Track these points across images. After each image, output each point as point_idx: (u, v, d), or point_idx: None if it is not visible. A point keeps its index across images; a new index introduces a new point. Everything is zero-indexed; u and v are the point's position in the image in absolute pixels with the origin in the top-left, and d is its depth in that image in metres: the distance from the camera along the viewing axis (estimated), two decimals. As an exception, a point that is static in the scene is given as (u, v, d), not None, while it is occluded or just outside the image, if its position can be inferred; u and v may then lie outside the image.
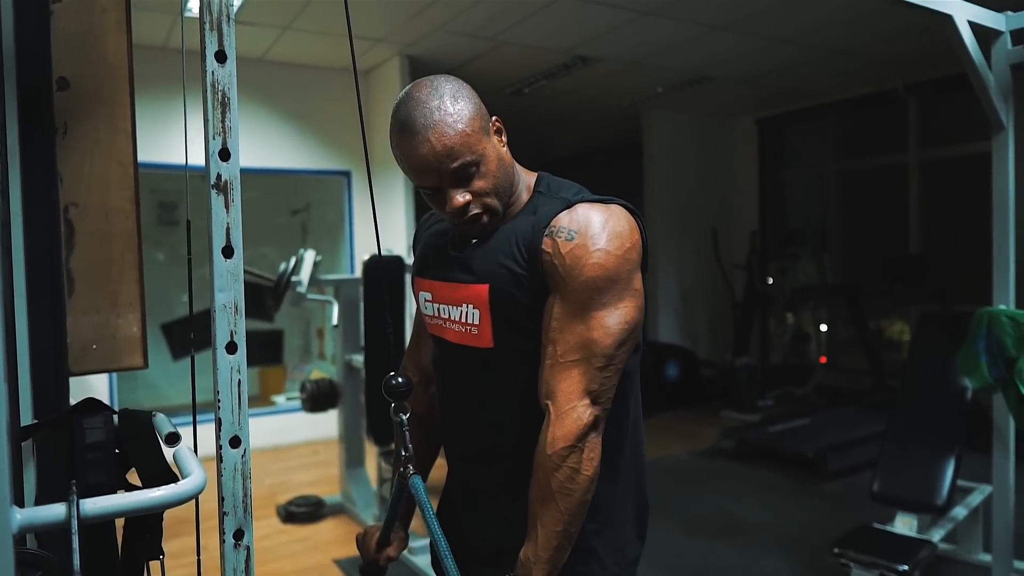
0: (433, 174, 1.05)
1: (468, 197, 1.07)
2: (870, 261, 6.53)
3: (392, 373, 1.12)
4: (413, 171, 1.07)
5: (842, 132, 6.73)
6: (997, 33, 2.36)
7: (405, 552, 3.13)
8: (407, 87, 1.10)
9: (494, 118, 1.12)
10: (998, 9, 2.37)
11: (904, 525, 2.83)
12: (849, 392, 6.02)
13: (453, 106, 1.05)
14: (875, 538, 2.68)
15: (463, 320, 1.14)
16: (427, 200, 1.13)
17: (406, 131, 1.05)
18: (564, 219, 1.06)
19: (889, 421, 3.23)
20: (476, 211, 1.08)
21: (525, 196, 1.15)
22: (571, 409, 1.01)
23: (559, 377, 1.02)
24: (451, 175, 1.05)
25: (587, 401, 1.02)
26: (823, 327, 6.66)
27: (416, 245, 1.33)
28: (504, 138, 1.13)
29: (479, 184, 1.07)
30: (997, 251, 2.43)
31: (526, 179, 1.17)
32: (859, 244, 6.83)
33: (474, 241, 1.14)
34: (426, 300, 1.23)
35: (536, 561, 1.02)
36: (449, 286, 1.16)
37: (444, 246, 1.20)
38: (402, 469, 1.12)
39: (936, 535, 2.77)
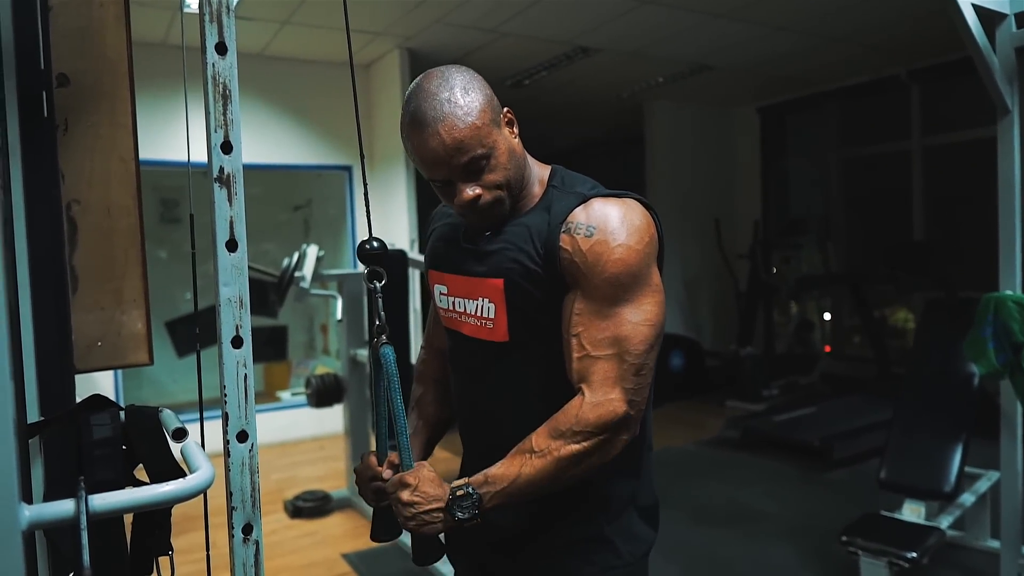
0: (443, 167, 1.05)
1: (478, 191, 1.06)
2: (874, 249, 6.51)
3: (367, 237, 1.10)
4: (424, 164, 1.06)
5: (844, 120, 6.69)
6: (1001, 16, 2.35)
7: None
8: (418, 78, 1.08)
9: (505, 109, 1.11)
10: (1002, -8, 2.35)
11: (912, 512, 2.83)
12: (854, 380, 6.01)
13: (463, 98, 1.03)
14: (883, 526, 2.68)
15: (478, 314, 1.13)
16: (437, 192, 1.12)
17: (416, 123, 1.04)
18: (580, 215, 1.05)
19: (896, 408, 3.22)
20: (486, 204, 1.07)
21: (538, 190, 1.14)
22: (608, 400, 1.00)
23: (594, 369, 1.02)
24: (461, 169, 1.04)
25: (623, 397, 1.01)
26: (827, 315, 6.65)
27: (428, 238, 1.33)
28: (516, 129, 1.12)
29: (490, 177, 1.06)
30: (1003, 236, 2.42)
31: (539, 172, 1.16)
32: (862, 232, 6.81)
33: (487, 233, 1.14)
34: (441, 293, 1.22)
35: (496, 490, 1.01)
36: (464, 280, 1.16)
37: (457, 239, 1.19)
38: (375, 339, 1.10)
39: (944, 522, 2.77)
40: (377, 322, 1.09)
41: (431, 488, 1.02)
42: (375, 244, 1.09)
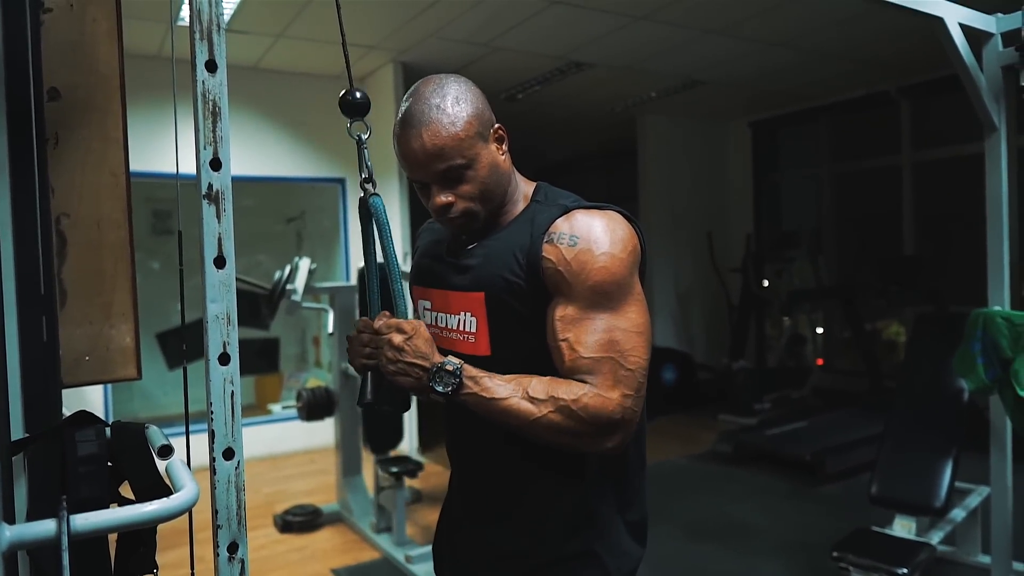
0: (422, 170, 1.08)
1: (451, 199, 1.08)
2: (865, 263, 6.54)
3: (349, 88, 1.10)
4: (405, 164, 1.10)
5: (835, 134, 6.75)
6: (988, 35, 2.38)
7: (403, 560, 3.12)
8: (418, 82, 1.11)
9: (496, 125, 1.13)
10: (988, 11, 2.38)
11: (903, 528, 2.83)
12: (846, 394, 6.02)
13: (453, 108, 1.06)
14: (874, 541, 2.67)
15: (460, 328, 1.13)
16: (417, 192, 1.15)
17: (404, 123, 1.08)
18: (563, 225, 1.06)
19: (887, 423, 3.23)
20: (455, 215, 1.10)
21: (522, 205, 1.15)
22: (609, 399, 1.00)
23: (592, 368, 1.01)
24: (439, 175, 1.08)
25: (620, 402, 1.00)
26: (819, 329, 6.67)
27: (414, 253, 1.33)
28: (504, 146, 1.14)
29: (465, 188, 1.08)
30: (991, 252, 2.44)
31: (525, 188, 1.18)
32: (854, 246, 6.85)
33: (470, 247, 1.14)
34: (425, 309, 1.23)
35: (476, 391, 1.02)
36: (447, 294, 1.16)
37: (440, 254, 1.20)
38: (362, 193, 1.12)
39: (935, 537, 2.77)
40: (364, 175, 1.11)
41: (423, 345, 1.04)
42: (358, 95, 1.09)
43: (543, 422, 1.00)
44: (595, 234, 1.04)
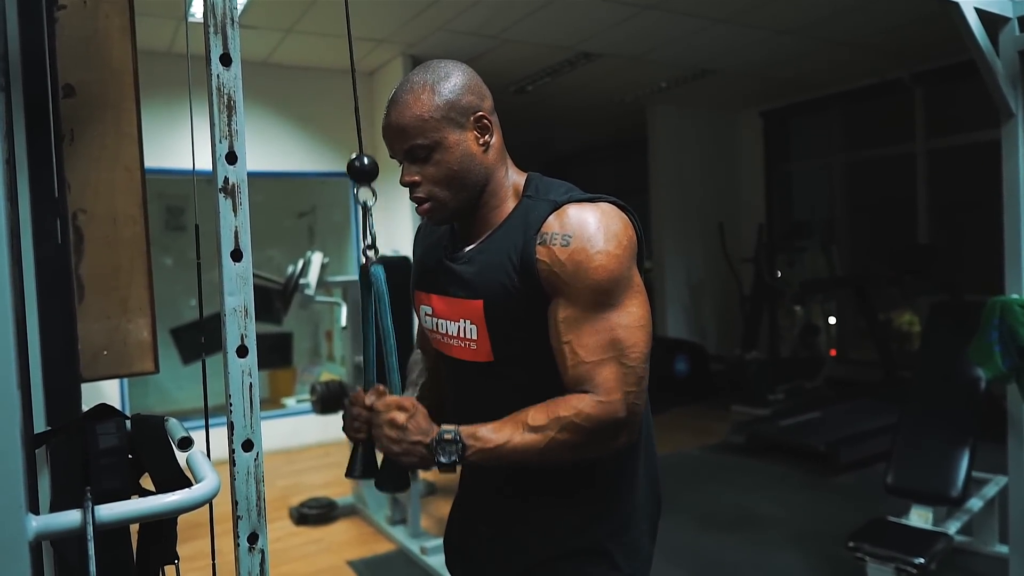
0: (390, 146, 1.10)
1: (416, 179, 1.09)
2: (878, 252, 6.49)
3: (357, 154, 1.11)
4: (383, 137, 1.11)
5: (848, 123, 6.69)
6: (1004, 20, 2.35)
7: (418, 552, 3.14)
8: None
9: (479, 114, 1.09)
10: (1005, -5, 2.35)
11: (919, 517, 2.81)
12: (860, 384, 5.99)
13: (427, 89, 1.06)
14: (890, 531, 2.66)
15: (461, 335, 1.13)
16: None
17: (390, 99, 1.10)
18: (555, 224, 1.04)
19: (902, 413, 3.21)
20: (420, 195, 1.09)
21: (512, 201, 1.13)
22: (611, 402, 1.00)
23: (594, 372, 1.00)
24: (404, 153, 1.09)
25: (623, 400, 1.00)
26: (832, 319, 6.63)
27: (414, 253, 1.32)
28: (487, 137, 1.10)
29: (430, 171, 1.08)
30: (1009, 240, 2.41)
31: (516, 181, 1.15)
32: (867, 235, 6.80)
33: (468, 249, 1.13)
34: (426, 314, 1.21)
35: (480, 447, 1.00)
36: (447, 300, 1.15)
37: (440, 258, 1.18)
38: (364, 259, 1.11)
39: (952, 527, 2.76)
40: (367, 241, 1.10)
41: (424, 421, 1.02)
42: (365, 161, 1.09)
43: (554, 446, 0.99)
44: (588, 231, 1.02)
